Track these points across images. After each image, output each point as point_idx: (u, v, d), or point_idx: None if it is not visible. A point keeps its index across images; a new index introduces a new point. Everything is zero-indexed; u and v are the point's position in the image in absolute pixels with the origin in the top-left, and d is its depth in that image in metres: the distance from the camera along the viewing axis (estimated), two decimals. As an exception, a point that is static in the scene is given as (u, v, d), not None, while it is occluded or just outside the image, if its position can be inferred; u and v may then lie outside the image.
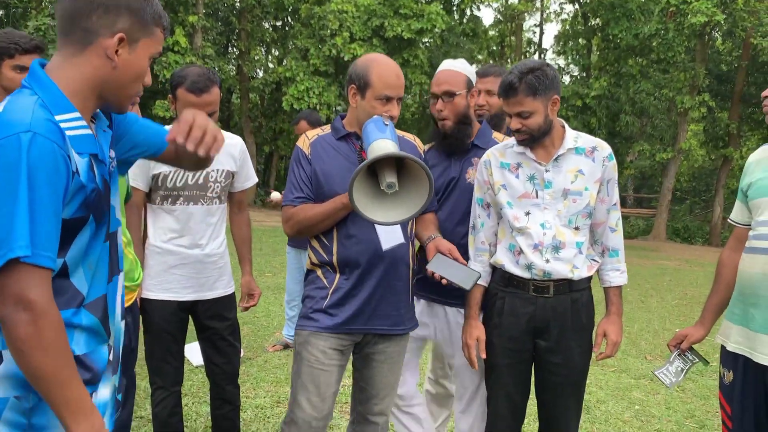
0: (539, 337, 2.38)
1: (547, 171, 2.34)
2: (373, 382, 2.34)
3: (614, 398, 4.41)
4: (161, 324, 2.65)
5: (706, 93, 19.28)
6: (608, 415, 4.07)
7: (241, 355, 4.73)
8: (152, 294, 2.65)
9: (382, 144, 1.96)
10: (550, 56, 28.72)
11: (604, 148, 2.39)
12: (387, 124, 2.09)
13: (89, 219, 1.33)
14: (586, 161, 2.36)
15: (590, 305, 2.43)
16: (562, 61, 26.41)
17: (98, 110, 1.47)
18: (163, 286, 2.65)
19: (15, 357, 1.21)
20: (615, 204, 2.43)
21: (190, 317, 2.78)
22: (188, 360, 4.56)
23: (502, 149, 2.45)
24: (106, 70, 1.34)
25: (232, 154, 2.76)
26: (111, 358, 1.45)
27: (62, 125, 1.26)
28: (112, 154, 1.48)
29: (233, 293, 2.85)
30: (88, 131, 1.33)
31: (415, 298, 2.50)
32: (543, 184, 2.34)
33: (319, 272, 2.30)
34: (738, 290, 2.25)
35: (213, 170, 2.67)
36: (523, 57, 26.63)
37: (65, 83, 1.32)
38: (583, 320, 2.39)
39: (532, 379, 2.48)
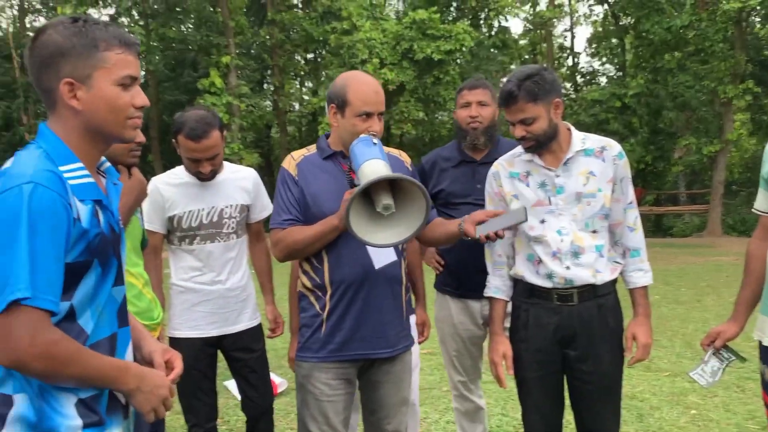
0: (567, 347, 2.31)
1: (557, 176, 2.29)
2: (382, 403, 2.30)
3: (669, 404, 4.23)
4: (189, 362, 2.63)
5: (749, 80, 18.66)
6: (662, 422, 3.90)
7: (286, 386, 4.76)
8: (178, 332, 2.70)
9: (374, 165, 1.93)
10: (584, 59, 28.39)
11: (613, 147, 2.33)
12: (375, 143, 2.06)
13: (93, 263, 1.38)
14: (596, 162, 2.30)
15: (617, 309, 2.36)
16: (596, 63, 26.09)
17: (109, 165, 1.56)
18: (189, 324, 2.69)
19: (45, 381, 1.32)
20: (631, 202, 2.36)
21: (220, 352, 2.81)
22: (233, 395, 4.60)
23: (510, 159, 2.41)
24: (77, 116, 1.38)
25: (245, 187, 2.80)
26: (122, 401, 1.47)
27: (65, 175, 1.33)
28: None
29: (259, 324, 2.87)
30: (90, 180, 1.39)
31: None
32: (555, 190, 2.29)
33: (311, 298, 2.25)
34: None
35: (227, 206, 2.71)
36: (556, 63, 26.36)
37: (63, 139, 1.39)
38: (611, 325, 2.32)
39: (566, 391, 2.41)
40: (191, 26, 21.23)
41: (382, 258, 2.19)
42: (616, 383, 2.35)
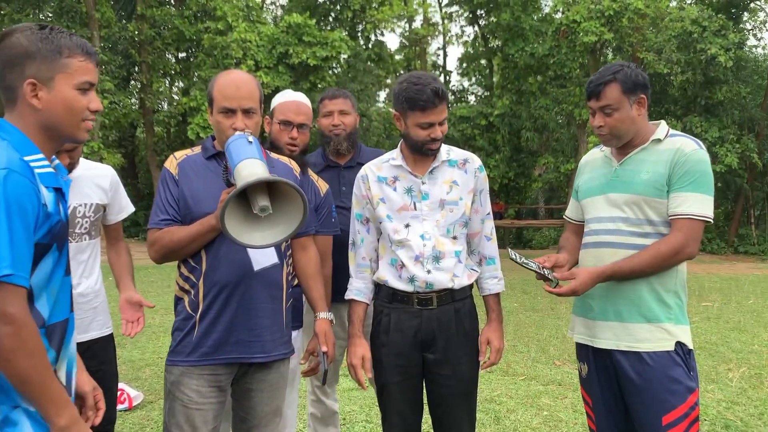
0: (426, 351, 2.37)
1: (423, 183, 2.37)
2: (254, 412, 2.22)
3: (524, 406, 4.46)
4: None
5: (601, 106, 20.23)
6: (517, 424, 4.10)
7: (141, 399, 4.51)
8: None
9: (251, 165, 1.88)
10: (454, 78, 29.53)
11: (475, 161, 2.47)
12: (251, 141, 2.00)
13: (53, 247, 1.50)
14: (459, 173, 2.41)
15: (473, 313, 2.45)
16: (466, 82, 27.22)
17: (58, 162, 1.65)
18: (80, 329, 2.46)
19: (2, 366, 1.39)
20: (488, 213, 2.50)
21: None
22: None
23: (379, 164, 2.46)
24: (36, 114, 1.51)
25: (101, 185, 2.62)
26: (64, 382, 1.57)
27: (31, 164, 1.46)
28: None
29: (111, 335, 2.69)
30: (51, 169, 1.53)
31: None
32: (420, 196, 2.37)
33: (186, 300, 2.16)
34: None
35: (80, 204, 2.53)
36: (429, 79, 27.10)
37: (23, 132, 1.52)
38: (467, 329, 2.40)
39: (424, 395, 2.46)
40: (51, 14, 19.73)
41: (262, 259, 2.14)
42: (472, 386, 2.43)
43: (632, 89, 2.25)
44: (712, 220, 2.23)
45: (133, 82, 23.02)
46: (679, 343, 2.23)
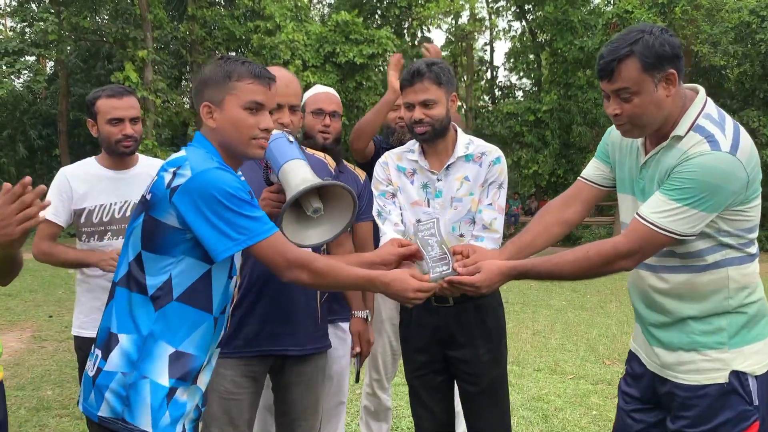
0: (448, 348, 2.36)
1: (438, 180, 2.34)
2: (295, 405, 2.27)
3: (572, 405, 4.43)
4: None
5: (653, 100, 19.72)
6: (565, 423, 4.08)
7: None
8: (86, 332, 2.58)
9: (299, 170, 1.92)
10: (502, 73, 29.22)
11: (492, 153, 2.36)
12: (292, 141, 2.04)
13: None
14: (472, 167, 2.34)
15: (496, 309, 2.39)
16: (514, 78, 26.92)
17: (240, 174, 1.86)
18: (96, 324, 2.58)
19: (315, 287, 1.98)
20: (490, 204, 2.32)
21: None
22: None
23: (400, 153, 2.45)
24: (213, 132, 1.75)
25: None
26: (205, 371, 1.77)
27: None
28: None
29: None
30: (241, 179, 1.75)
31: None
32: (435, 193, 2.34)
33: None
34: None
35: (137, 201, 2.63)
36: (475, 75, 27.03)
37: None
38: (489, 326, 2.35)
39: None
40: (107, 17, 20.38)
41: None
42: (497, 384, 2.38)
43: (656, 64, 1.70)
44: (679, 236, 1.71)
45: (184, 81, 23.57)
46: (735, 373, 1.78)
